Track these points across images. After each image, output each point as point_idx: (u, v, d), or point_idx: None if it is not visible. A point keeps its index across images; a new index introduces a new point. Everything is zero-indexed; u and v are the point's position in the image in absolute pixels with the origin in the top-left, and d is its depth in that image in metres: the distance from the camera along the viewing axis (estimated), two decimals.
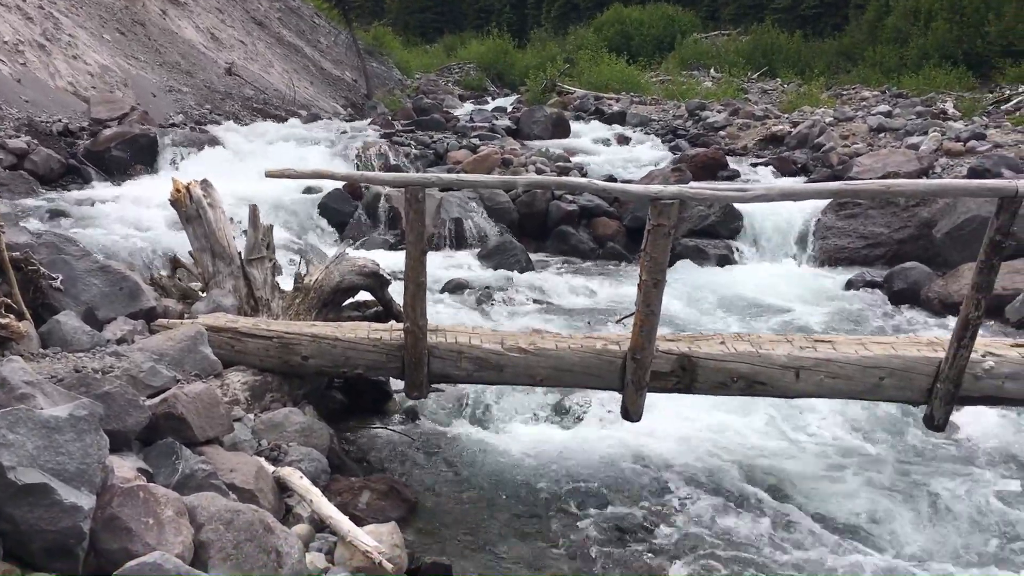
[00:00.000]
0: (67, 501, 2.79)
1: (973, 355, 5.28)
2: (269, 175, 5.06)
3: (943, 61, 24.68)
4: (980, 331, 5.20)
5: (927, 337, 5.97)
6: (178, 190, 6.01)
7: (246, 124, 17.24)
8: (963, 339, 5.19)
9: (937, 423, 5.49)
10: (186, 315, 5.83)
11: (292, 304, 6.11)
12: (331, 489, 4.73)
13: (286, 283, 6.60)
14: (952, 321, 5.28)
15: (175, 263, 6.59)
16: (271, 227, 6.26)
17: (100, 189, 11.67)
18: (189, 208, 5.99)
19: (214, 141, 14.45)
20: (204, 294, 6.08)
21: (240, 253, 6.09)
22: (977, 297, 5.10)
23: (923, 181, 8.43)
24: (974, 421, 6.18)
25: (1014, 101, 18.07)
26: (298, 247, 10.04)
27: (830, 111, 18.97)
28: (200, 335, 5.13)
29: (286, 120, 18.56)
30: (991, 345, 5.63)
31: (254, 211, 6.09)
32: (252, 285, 5.99)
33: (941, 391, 5.35)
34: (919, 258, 9.97)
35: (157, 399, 4.24)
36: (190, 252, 6.25)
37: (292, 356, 5.44)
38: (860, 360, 5.41)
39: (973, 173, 11.24)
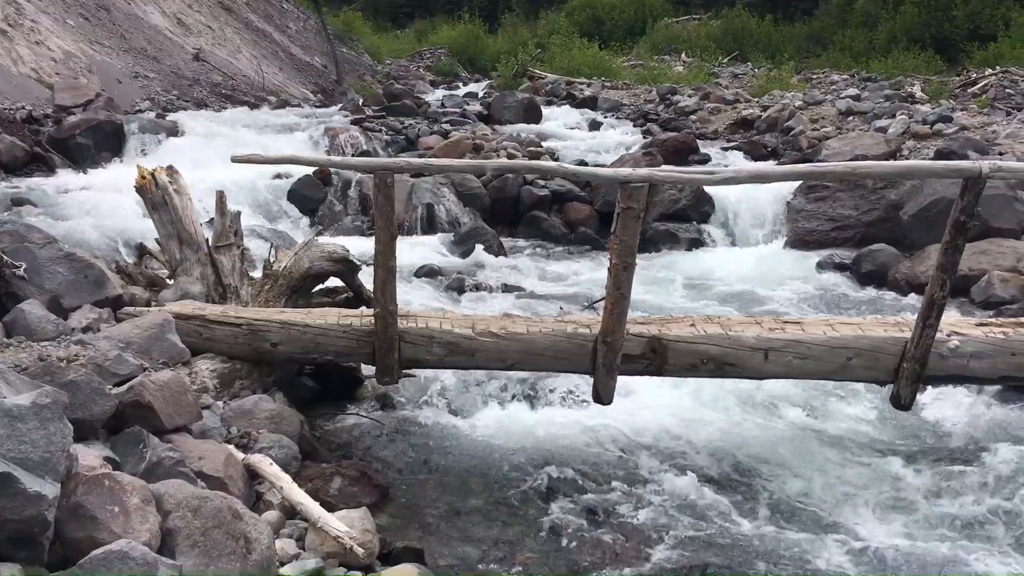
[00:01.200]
0: (31, 490, 2.76)
1: (939, 335, 5.35)
2: (235, 160, 5.01)
3: (911, 45, 24.89)
4: (947, 311, 5.26)
5: (894, 318, 6.05)
6: (143, 177, 5.93)
7: (214, 110, 17.03)
8: (928, 319, 5.25)
9: (903, 402, 5.57)
10: (153, 303, 5.78)
11: (261, 291, 6.07)
12: (302, 476, 4.71)
13: (256, 271, 6.55)
14: (919, 301, 5.34)
15: (141, 250, 6.52)
16: (239, 213, 6.20)
17: (65, 177, 11.49)
18: (155, 195, 5.93)
19: (182, 128, 14.26)
20: (171, 282, 6.02)
21: (207, 240, 6.04)
22: (942, 277, 5.16)
23: (889, 163, 8.51)
24: (940, 400, 6.26)
25: (980, 84, 18.25)
26: (267, 234, 9.95)
27: (800, 95, 19.06)
28: (167, 323, 5.08)
29: (255, 106, 18.37)
30: (956, 324, 5.71)
31: (221, 197, 6.03)
32: (220, 272, 5.93)
33: (907, 370, 5.42)
34: (887, 240, 10.06)
35: (124, 387, 4.20)
36: (156, 239, 6.19)
37: (261, 343, 5.41)
38: (828, 341, 5.46)
39: (940, 155, 11.34)
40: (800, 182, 11.30)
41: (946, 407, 6.22)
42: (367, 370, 6.12)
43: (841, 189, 11.10)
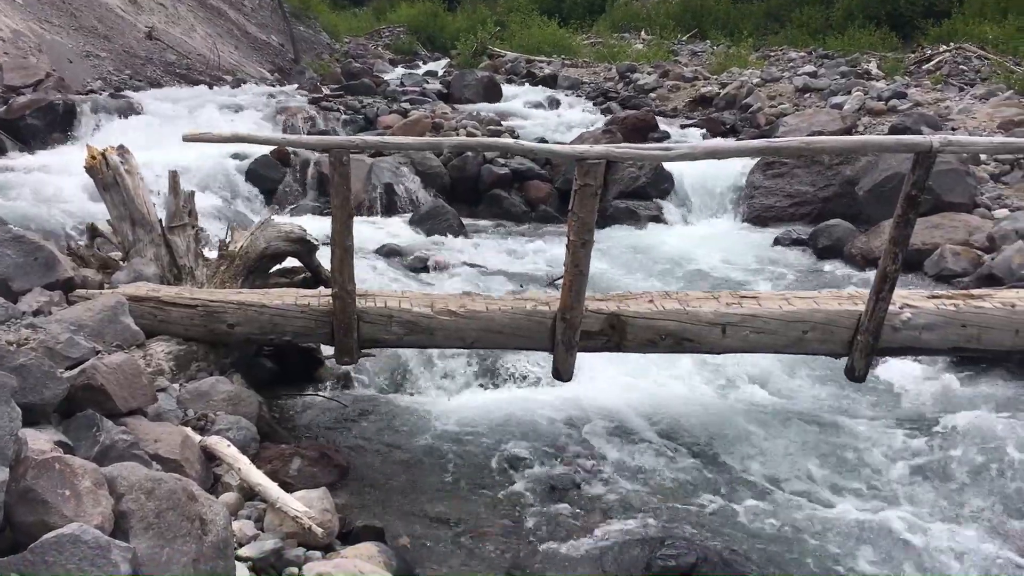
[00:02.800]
0: None
1: (891, 307, 5.44)
2: (186, 139, 4.92)
3: (867, 22, 25.06)
4: (903, 286, 5.34)
5: (848, 291, 6.14)
6: (93, 157, 5.82)
7: (168, 90, 16.74)
8: (881, 292, 5.33)
9: (857, 374, 5.66)
10: (106, 285, 5.68)
11: (217, 272, 6.00)
12: (261, 457, 4.69)
13: (212, 252, 6.47)
14: (874, 275, 5.42)
15: (93, 232, 6.40)
16: (192, 193, 6.11)
17: (15, 158, 11.25)
18: (106, 175, 5.82)
19: (135, 108, 14.00)
20: (124, 263, 5.93)
21: (161, 221, 5.95)
22: (894, 251, 5.23)
23: (841, 138, 8.60)
24: (893, 371, 6.37)
25: (935, 61, 18.47)
26: (224, 215, 9.83)
27: (758, 72, 19.18)
28: (120, 305, 5.01)
29: (211, 86, 18.08)
30: (908, 297, 5.80)
31: (174, 177, 5.94)
32: (174, 253, 5.85)
33: (861, 343, 5.51)
34: (843, 215, 10.18)
35: (75, 371, 4.13)
36: (108, 221, 6.08)
37: (217, 324, 5.35)
38: (784, 315, 5.53)
39: (894, 131, 11.49)
40: (758, 159, 11.40)
41: (899, 378, 6.32)
42: (327, 350, 6.08)
43: (798, 166, 11.21)
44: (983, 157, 10.63)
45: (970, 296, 5.83)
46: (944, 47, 19.55)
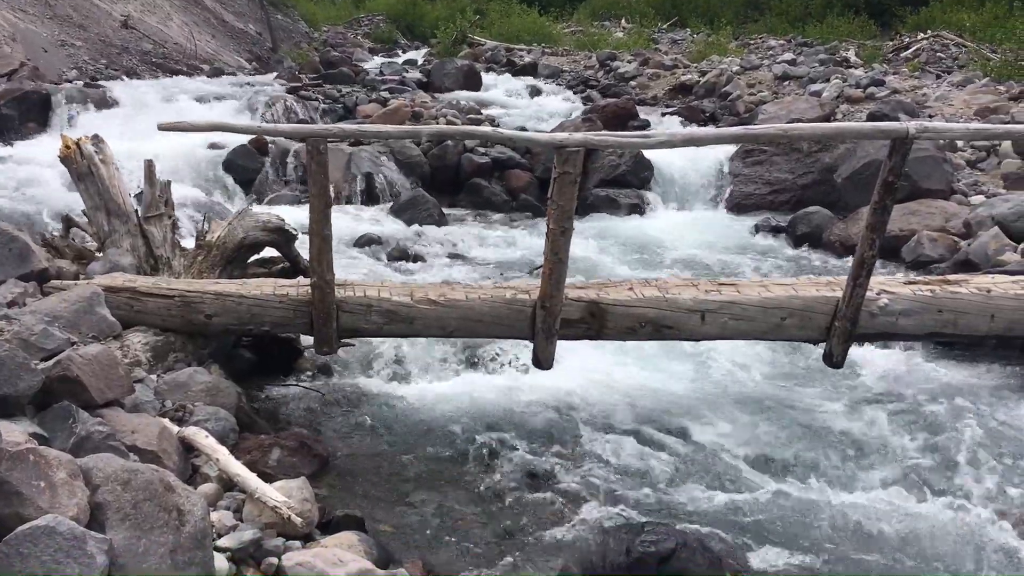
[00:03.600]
0: None
1: (868, 293, 5.47)
2: (162, 128, 4.88)
3: (846, 10, 25.19)
4: (881, 272, 5.37)
5: (826, 278, 6.17)
6: (67, 147, 5.75)
7: (145, 80, 16.59)
8: (859, 278, 5.37)
9: (835, 360, 5.70)
10: (81, 276, 5.63)
11: (194, 262, 5.95)
12: (240, 448, 4.66)
13: (190, 244, 6.42)
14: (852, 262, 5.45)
15: (68, 222, 6.33)
16: (168, 183, 6.06)
17: None
18: (80, 165, 5.75)
19: (112, 98, 13.86)
20: (100, 254, 5.87)
21: (137, 211, 5.89)
22: (871, 237, 5.27)
23: (819, 124, 8.62)
24: (870, 357, 6.42)
25: (912, 48, 18.58)
26: (202, 205, 9.76)
27: (737, 60, 19.21)
28: (96, 296, 4.96)
29: (188, 75, 17.93)
30: (885, 283, 5.84)
31: (150, 166, 5.88)
32: (151, 243, 5.80)
33: (839, 329, 5.54)
34: (821, 202, 10.23)
35: (51, 362, 4.09)
36: (84, 211, 6.02)
37: (195, 315, 5.31)
38: (762, 302, 5.55)
39: (872, 118, 11.55)
40: (737, 147, 11.44)
41: (876, 364, 6.36)
42: (306, 340, 6.06)
43: (777, 153, 11.25)
44: (960, 144, 10.71)
45: (946, 282, 5.87)
46: (922, 35, 19.67)
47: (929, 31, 19.71)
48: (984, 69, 15.07)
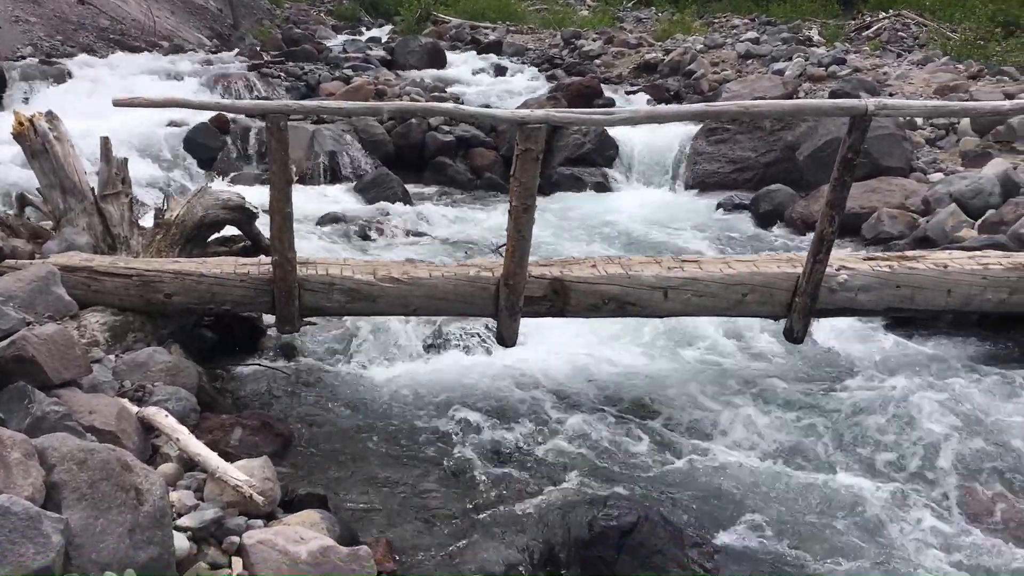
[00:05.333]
0: None
1: (828, 269, 5.54)
2: (117, 104, 4.79)
3: None
4: (842, 249, 5.42)
5: (786, 254, 6.23)
6: (20, 123, 5.63)
7: (102, 56, 16.27)
8: (818, 254, 5.42)
9: (796, 335, 5.76)
10: (37, 255, 5.54)
11: (153, 241, 5.87)
12: (201, 428, 4.62)
13: (149, 223, 6.32)
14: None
15: (22, 201, 6.21)
16: (126, 160, 5.96)
17: None
18: (34, 142, 5.64)
19: (68, 75, 13.63)
20: (56, 233, 5.77)
21: (93, 189, 5.79)
22: (831, 213, 5.32)
23: (779, 101, 8.67)
24: (830, 333, 6.49)
25: (874, 27, 18.71)
26: (162, 184, 9.63)
27: (701, 39, 19.25)
28: (52, 275, 4.88)
29: (146, 52, 17.62)
30: (845, 259, 5.91)
31: (106, 143, 5.78)
32: (108, 222, 5.71)
33: (799, 305, 5.60)
34: (784, 180, 10.30)
35: (5, 342, 4.01)
36: (38, 189, 5.90)
37: (154, 294, 5.25)
38: (724, 278, 5.60)
39: (834, 96, 11.63)
40: (701, 125, 11.48)
41: (836, 339, 6.44)
42: (268, 320, 6.01)
43: (741, 132, 11.29)
44: (919, 122, 10.83)
45: (904, 258, 5.96)
46: (883, 14, 19.81)
47: (891, 10, 19.85)
48: (944, 48, 15.23)
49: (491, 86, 16.50)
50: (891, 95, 11.94)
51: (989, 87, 11.84)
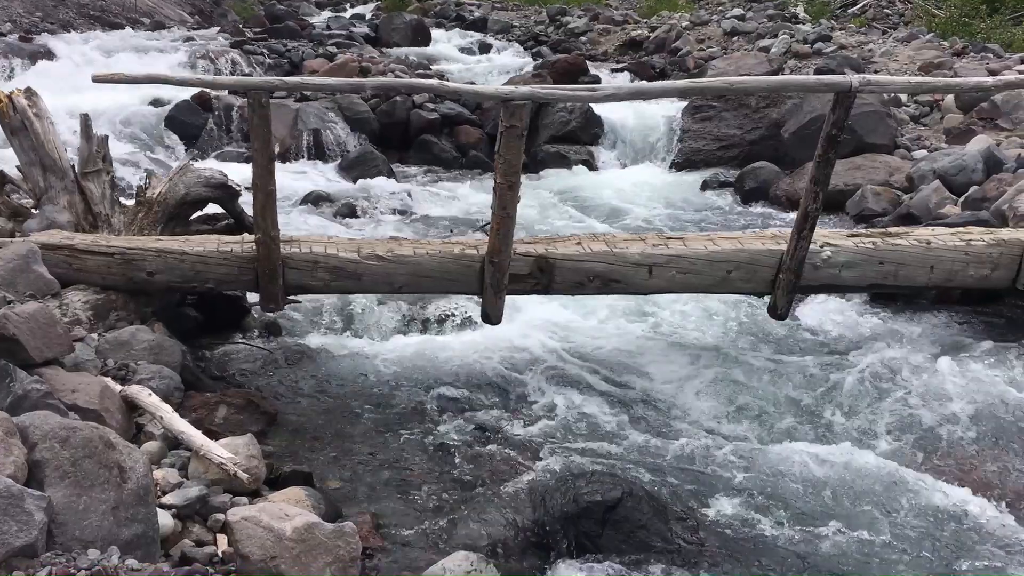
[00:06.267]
0: None
1: (812, 246, 5.55)
2: (96, 80, 4.73)
3: None
4: (826, 226, 5.43)
5: (771, 231, 6.24)
6: None
7: (83, 33, 16.09)
8: (803, 231, 5.44)
9: (780, 312, 5.79)
10: (17, 233, 5.49)
11: (135, 219, 5.82)
12: (185, 406, 4.62)
13: (132, 202, 6.26)
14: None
15: (2, 179, 6.13)
16: (106, 137, 5.89)
17: None
18: (13, 119, 5.56)
19: (48, 52, 13.49)
20: (36, 211, 5.72)
21: (74, 166, 5.73)
22: (815, 190, 5.33)
23: (763, 78, 8.67)
24: (814, 309, 6.52)
25: (860, 4, 18.68)
26: (144, 162, 9.55)
27: (687, 15, 19.18)
28: (33, 253, 4.84)
29: (127, 29, 17.42)
30: (829, 236, 5.92)
31: (85, 120, 5.71)
32: (89, 200, 5.66)
33: (783, 281, 5.62)
34: (769, 158, 10.32)
35: None
36: (18, 167, 5.84)
37: (136, 272, 5.21)
38: (709, 255, 5.60)
39: (819, 73, 11.61)
40: (687, 103, 11.46)
41: (820, 316, 6.47)
42: (253, 298, 5.98)
43: (726, 109, 11.29)
44: (904, 99, 10.85)
45: (887, 234, 5.97)
46: None
47: None
48: (929, 25, 15.24)
49: (476, 64, 16.43)
50: (876, 72, 11.94)
51: (973, 64, 11.86)
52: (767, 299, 5.83)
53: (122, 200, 6.04)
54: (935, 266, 5.76)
